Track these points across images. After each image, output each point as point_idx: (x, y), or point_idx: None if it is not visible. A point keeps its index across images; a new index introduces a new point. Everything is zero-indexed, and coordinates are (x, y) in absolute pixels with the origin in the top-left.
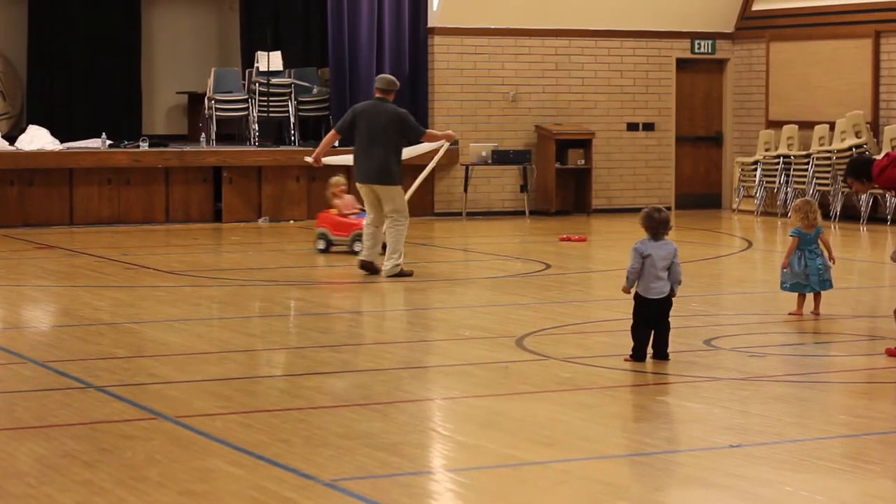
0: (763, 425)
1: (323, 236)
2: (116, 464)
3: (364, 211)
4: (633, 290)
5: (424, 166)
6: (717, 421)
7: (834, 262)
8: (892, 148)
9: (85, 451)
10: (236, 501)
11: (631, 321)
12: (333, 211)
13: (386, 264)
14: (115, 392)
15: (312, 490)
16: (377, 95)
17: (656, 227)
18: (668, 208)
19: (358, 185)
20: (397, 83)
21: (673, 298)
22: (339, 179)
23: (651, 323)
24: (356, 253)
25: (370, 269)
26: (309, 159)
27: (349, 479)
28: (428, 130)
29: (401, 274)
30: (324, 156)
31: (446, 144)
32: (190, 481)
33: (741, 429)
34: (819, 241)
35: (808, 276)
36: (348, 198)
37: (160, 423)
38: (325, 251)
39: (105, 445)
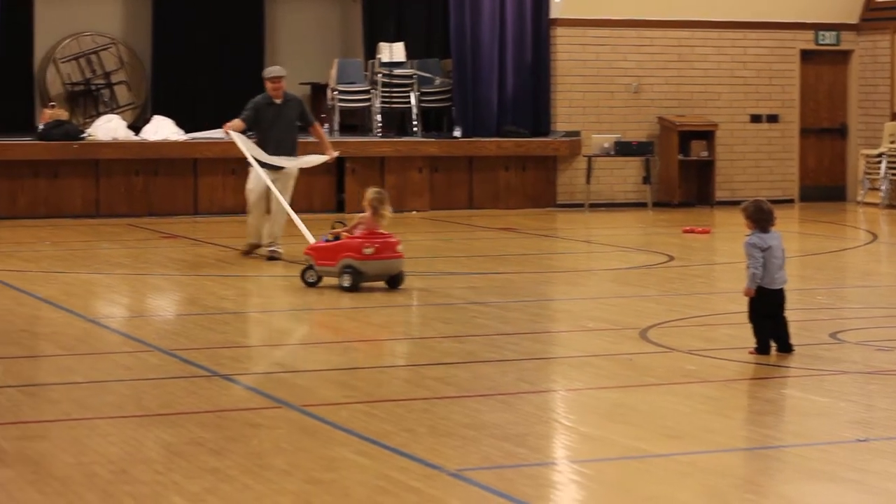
0: (890, 420)
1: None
2: (243, 452)
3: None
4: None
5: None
6: (843, 415)
7: None
8: None
9: (211, 439)
10: (362, 490)
11: (748, 315)
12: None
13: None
14: (241, 380)
15: (438, 480)
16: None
17: (766, 218)
18: (792, 200)
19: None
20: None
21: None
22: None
23: (771, 314)
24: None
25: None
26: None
27: (474, 469)
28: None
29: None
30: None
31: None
32: (316, 470)
33: (867, 423)
34: None
35: None
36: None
37: (286, 411)
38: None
39: (231, 433)
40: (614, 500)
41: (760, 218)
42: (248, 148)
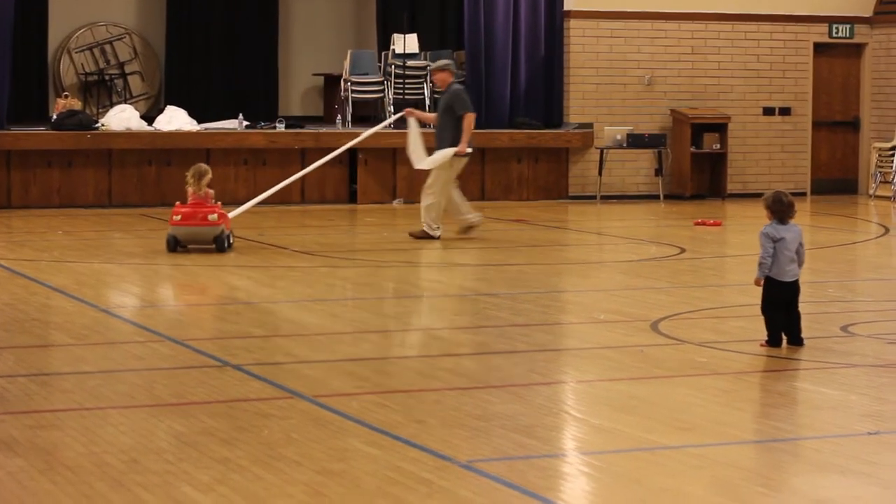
0: None
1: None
2: (254, 442)
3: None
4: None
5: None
6: (854, 408)
7: None
8: None
9: (222, 429)
10: (373, 481)
11: (761, 307)
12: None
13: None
14: (252, 371)
15: (449, 471)
16: (455, 80)
17: (784, 210)
18: (804, 193)
19: (462, 158)
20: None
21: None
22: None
23: (783, 307)
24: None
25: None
26: (469, 150)
27: (485, 460)
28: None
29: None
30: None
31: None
32: (327, 460)
33: (878, 416)
34: None
35: None
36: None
37: (297, 402)
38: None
39: (242, 423)
40: (625, 492)
41: (778, 209)
42: (413, 138)
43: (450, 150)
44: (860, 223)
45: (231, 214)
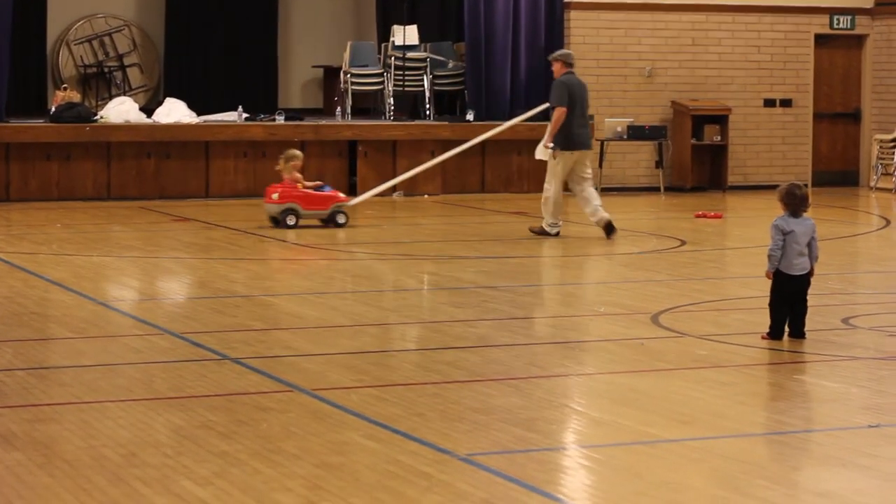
0: None
1: (293, 211)
2: (252, 436)
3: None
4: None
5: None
6: (855, 400)
7: None
8: None
9: (221, 423)
10: (372, 475)
11: (769, 298)
12: (300, 185)
13: (603, 215)
14: (251, 364)
15: (448, 464)
16: (568, 70)
17: (797, 203)
18: (805, 185)
19: (568, 153)
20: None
21: (811, 277)
22: (295, 152)
23: (790, 300)
24: (337, 224)
25: (612, 227)
26: (550, 146)
27: (485, 453)
28: None
29: (609, 226)
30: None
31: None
32: (326, 454)
33: (879, 409)
34: None
35: None
36: (298, 175)
37: (296, 395)
38: (294, 227)
39: (241, 417)
40: (625, 485)
41: (790, 202)
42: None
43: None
44: (861, 215)
45: (354, 201)
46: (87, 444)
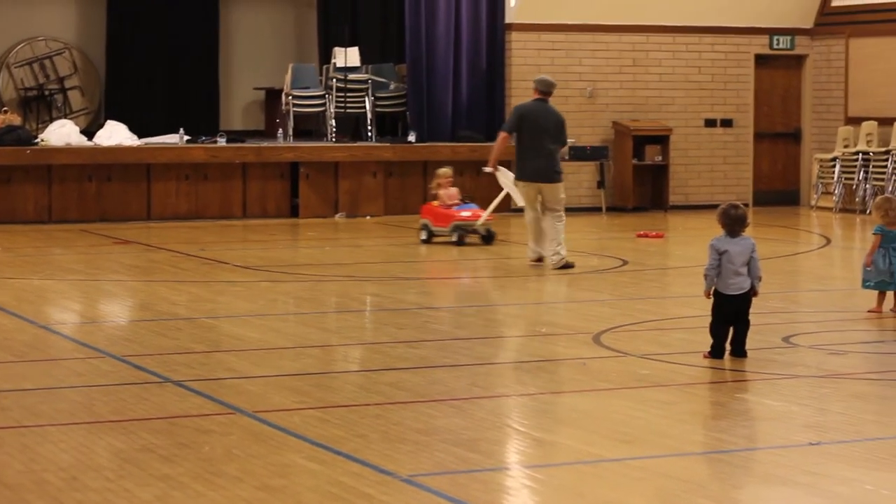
0: (842, 423)
1: (425, 227)
2: (194, 458)
3: (466, 202)
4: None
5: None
6: (796, 419)
7: None
8: None
9: (163, 446)
10: (314, 497)
11: (710, 318)
12: (436, 203)
13: (553, 257)
14: (193, 387)
15: (390, 486)
16: (538, 97)
17: (732, 223)
18: (746, 205)
19: (519, 182)
20: (556, 85)
21: (754, 296)
22: (446, 171)
23: (730, 319)
24: (457, 243)
25: (541, 261)
26: (488, 169)
27: (427, 474)
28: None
29: (566, 266)
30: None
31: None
32: (268, 476)
33: (820, 427)
34: None
35: (892, 274)
36: (453, 190)
37: (238, 417)
38: (426, 242)
39: (183, 440)
40: None
41: (727, 222)
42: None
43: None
44: (802, 234)
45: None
46: (27, 469)
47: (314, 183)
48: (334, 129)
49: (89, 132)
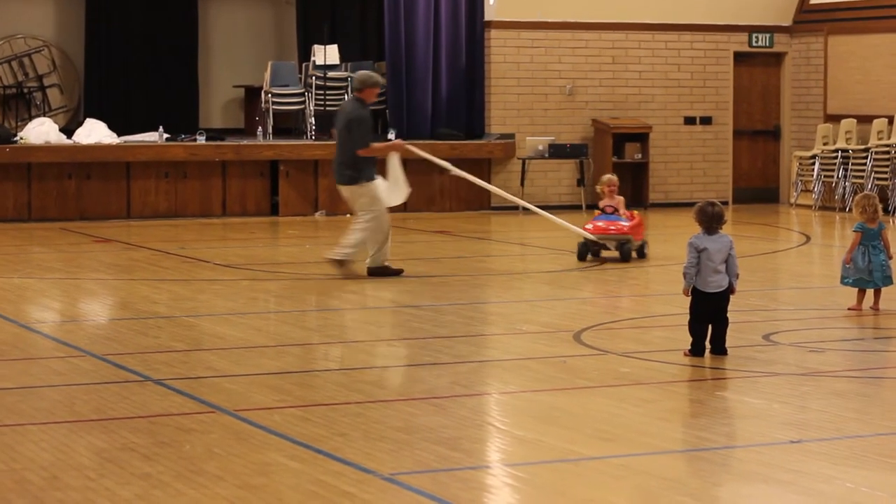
0: (823, 421)
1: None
2: (175, 457)
3: (609, 212)
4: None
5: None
6: (777, 416)
7: (892, 259)
8: None
9: (144, 445)
10: (295, 495)
11: (688, 316)
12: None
13: (335, 251)
14: (174, 385)
15: (371, 484)
16: (354, 95)
17: (709, 221)
18: (725, 203)
19: None
20: (372, 78)
21: (732, 294)
22: (609, 178)
23: (709, 317)
24: (580, 258)
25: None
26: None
27: (408, 473)
28: (374, 145)
29: (339, 262)
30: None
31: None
32: (248, 475)
33: (801, 424)
34: (881, 237)
35: (871, 272)
36: (619, 198)
37: (218, 416)
38: (582, 259)
39: (164, 439)
40: (548, 503)
41: (703, 219)
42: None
43: None
44: (782, 232)
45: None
46: (8, 468)
47: (294, 181)
48: (314, 127)
49: (68, 130)
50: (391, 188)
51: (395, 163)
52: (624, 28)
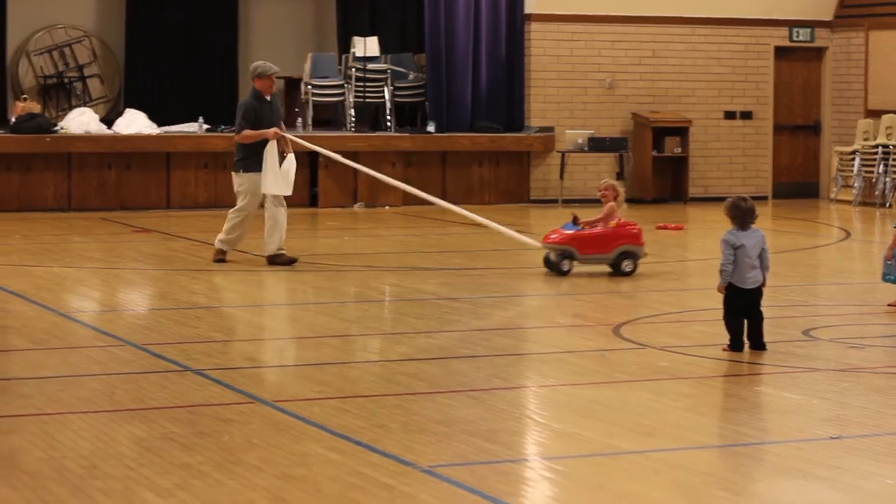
0: (863, 417)
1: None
2: (214, 447)
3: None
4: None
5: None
6: (816, 412)
7: None
8: None
9: (183, 434)
10: (335, 487)
11: (723, 313)
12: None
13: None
14: (213, 375)
15: (410, 476)
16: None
17: (744, 216)
18: (765, 197)
19: None
20: (258, 68)
21: (763, 287)
22: (605, 182)
23: (744, 312)
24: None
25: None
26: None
27: (447, 465)
28: (245, 132)
29: (219, 258)
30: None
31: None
32: (288, 465)
33: (840, 420)
34: None
35: None
36: (609, 204)
37: (258, 406)
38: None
39: (203, 429)
40: (587, 496)
41: (736, 215)
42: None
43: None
44: (821, 227)
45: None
46: (48, 456)
47: (333, 172)
48: (353, 119)
49: (108, 120)
50: (274, 179)
51: (271, 152)
52: (664, 22)
